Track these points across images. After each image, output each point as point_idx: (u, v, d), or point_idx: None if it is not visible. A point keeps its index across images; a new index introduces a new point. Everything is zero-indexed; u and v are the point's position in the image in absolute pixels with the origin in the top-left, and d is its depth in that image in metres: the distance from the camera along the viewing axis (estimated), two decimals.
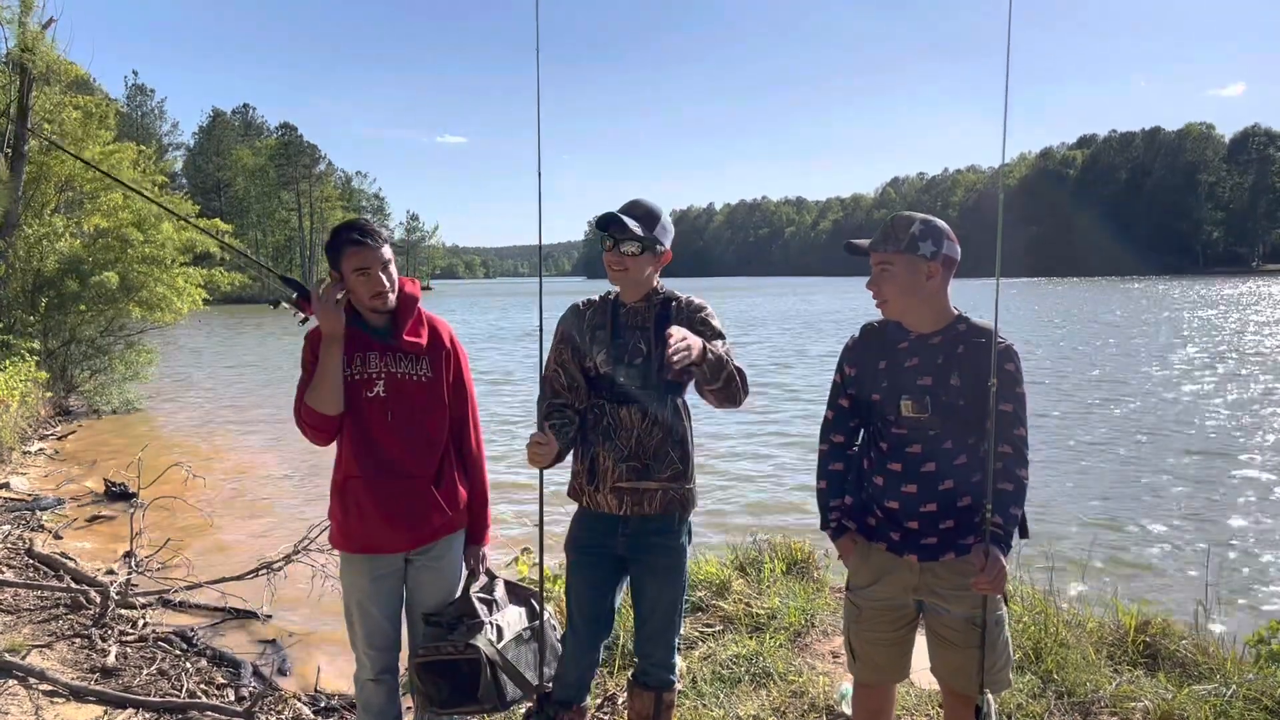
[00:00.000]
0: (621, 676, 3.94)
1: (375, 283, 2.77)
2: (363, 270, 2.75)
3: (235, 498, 9.69)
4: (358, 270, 2.76)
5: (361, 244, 2.74)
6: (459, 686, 2.90)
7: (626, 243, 2.76)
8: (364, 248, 2.74)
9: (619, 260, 2.78)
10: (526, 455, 2.69)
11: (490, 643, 2.89)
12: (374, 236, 2.77)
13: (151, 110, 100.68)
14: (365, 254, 2.75)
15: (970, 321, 2.60)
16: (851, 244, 2.69)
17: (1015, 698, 3.69)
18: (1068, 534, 7.99)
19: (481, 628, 2.91)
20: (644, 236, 2.76)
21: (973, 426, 2.52)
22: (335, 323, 2.72)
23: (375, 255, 2.75)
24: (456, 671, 2.89)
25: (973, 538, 2.52)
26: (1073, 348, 26.12)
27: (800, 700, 3.81)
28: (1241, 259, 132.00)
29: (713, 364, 2.58)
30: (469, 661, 2.87)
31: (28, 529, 7.69)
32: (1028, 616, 4.32)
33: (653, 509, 2.82)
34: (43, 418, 13.52)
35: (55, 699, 4.27)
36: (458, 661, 2.87)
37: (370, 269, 2.75)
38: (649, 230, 2.77)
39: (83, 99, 16.65)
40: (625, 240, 2.75)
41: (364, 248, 2.74)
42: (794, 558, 5.37)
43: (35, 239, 14.89)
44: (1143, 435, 12.86)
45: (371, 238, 2.76)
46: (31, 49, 14.39)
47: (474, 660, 2.86)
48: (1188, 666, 3.99)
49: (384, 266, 2.78)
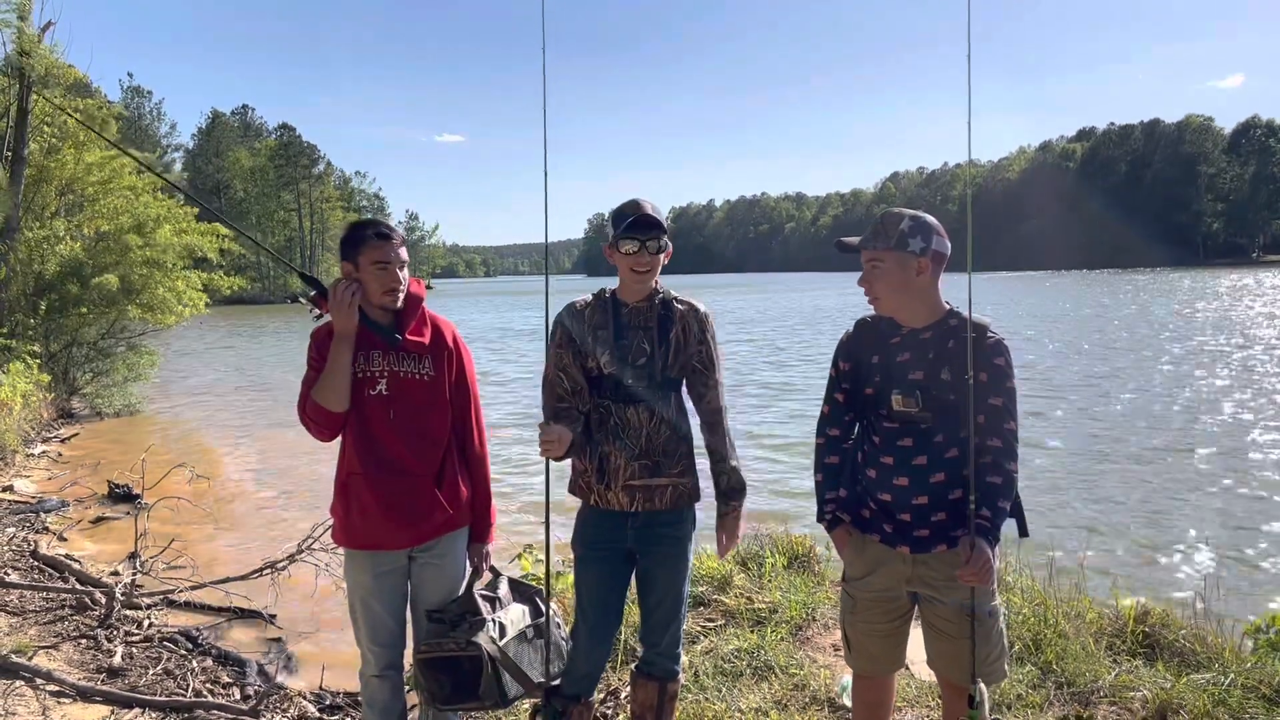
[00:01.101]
0: (624, 671, 3.97)
1: (392, 278, 2.85)
2: (382, 264, 2.84)
3: (239, 498, 9.72)
4: (377, 264, 2.84)
5: (386, 238, 2.85)
6: (460, 684, 2.92)
7: (653, 243, 2.80)
8: (386, 242, 2.85)
9: (648, 262, 2.82)
10: (540, 448, 2.73)
11: (492, 640, 2.91)
12: (395, 233, 2.90)
13: (149, 112, 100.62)
14: (386, 248, 2.84)
15: (962, 316, 2.61)
16: (842, 242, 2.72)
17: (1015, 688, 3.71)
18: (1067, 525, 8.01)
19: (484, 625, 2.93)
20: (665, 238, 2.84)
21: (964, 420, 2.55)
22: (349, 320, 2.80)
23: (395, 251, 2.86)
24: (458, 668, 2.92)
25: (964, 530, 2.55)
26: (1075, 342, 26.11)
27: (802, 693, 3.84)
28: (1242, 250, 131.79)
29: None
30: (470, 659, 2.89)
31: (32, 531, 7.72)
32: (1027, 608, 4.35)
33: (664, 504, 2.87)
34: (45, 420, 13.55)
35: (62, 699, 4.30)
36: (459, 659, 2.90)
37: (390, 264, 2.84)
38: (662, 230, 2.84)
39: (83, 102, 16.66)
40: (651, 239, 2.80)
41: (386, 242, 2.85)
42: (795, 552, 5.40)
43: (36, 242, 14.92)
44: (1142, 427, 12.87)
45: (393, 234, 2.88)
46: (30, 52, 14.41)
47: (475, 658, 2.88)
48: (1186, 656, 4.01)
49: (401, 264, 2.88)
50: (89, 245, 15.72)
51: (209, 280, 16.85)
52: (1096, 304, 44.22)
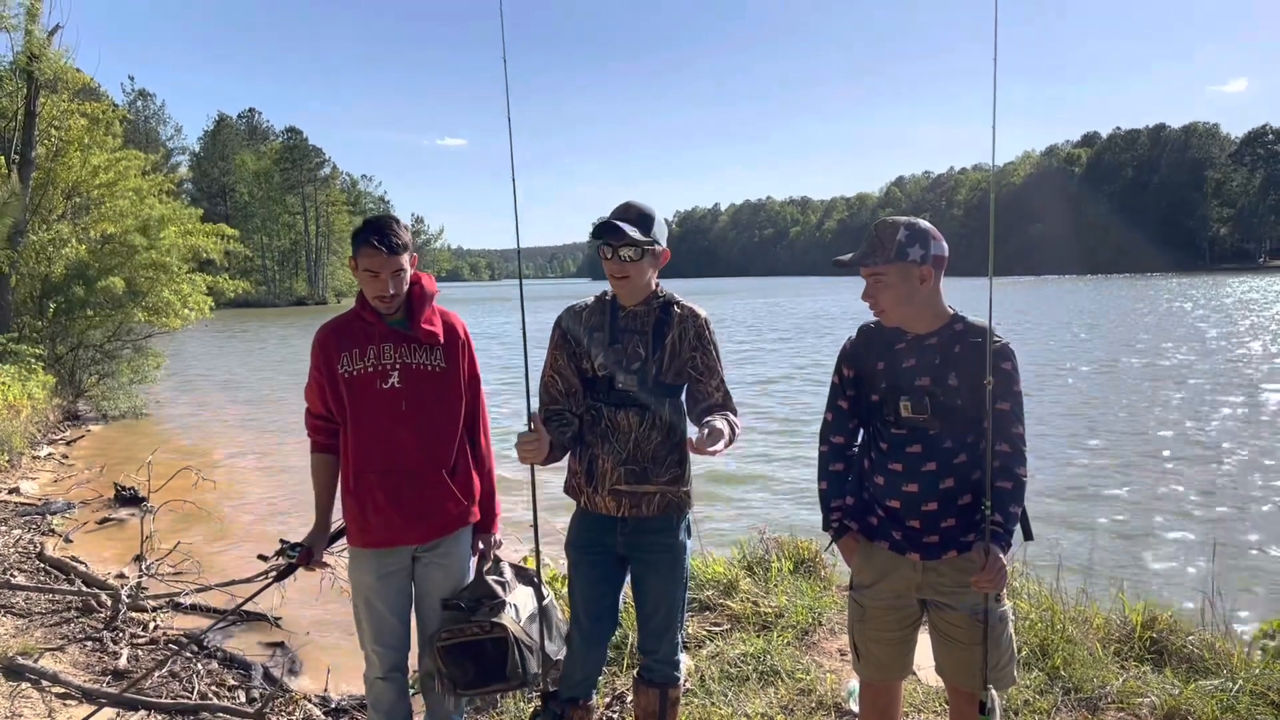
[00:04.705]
0: (629, 675, 3.96)
1: (380, 286, 2.82)
2: (370, 271, 2.82)
3: (244, 500, 9.72)
4: (366, 270, 2.83)
5: (376, 250, 2.79)
6: (485, 666, 2.94)
7: (624, 248, 2.73)
8: (377, 253, 2.79)
9: (620, 268, 2.75)
10: (517, 453, 2.67)
11: (513, 620, 2.94)
12: (391, 245, 2.80)
13: (154, 115, 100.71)
14: (376, 259, 2.80)
15: (967, 321, 2.60)
16: (839, 261, 2.67)
17: (1022, 694, 3.70)
18: (1074, 530, 7.99)
19: (504, 607, 2.95)
20: (641, 240, 2.73)
21: (972, 425, 2.53)
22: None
23: (385, 262, 2.80)
24: (482, 651, 2.93)
25: (974, 535, 2.54)
26: (1081, 345, 26.05)
27: (808, 698, 3.83)
28: (1248, 255, 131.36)
29: (729, 440, 2.66)
30: (495, 641, 2.90)
31: (38, 533, 7.74)
32: (1034, 613, 4.33)
33: (650, 511, 2.84)
34: (52, 423, 13.59)
35: (68, 701, 4.31)
36: (482, 641, 2.91)
37: (379, 273, 2.81)
38: (645, 232, 2.74)
39: (89, 105, 16.72)
40: (622, 246, 2.73)
41: (377, 253, 2.79)
42: (801, 556, 5.37)
43: (42, 245, 14.96)
44: (1150, 431, 12.84)
45: (388, 246, 2.79)
46: (38, 56, 14.46)
47: (500, 639, 2.90)
48: (1194, 662, 3.99)
49: (394, 273, 2.82)
50: (95, 248, 15.76)
51: (214, 283, 16.89)
52: (1123, 308, 44.04)
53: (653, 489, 2.82)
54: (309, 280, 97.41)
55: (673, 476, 2.84)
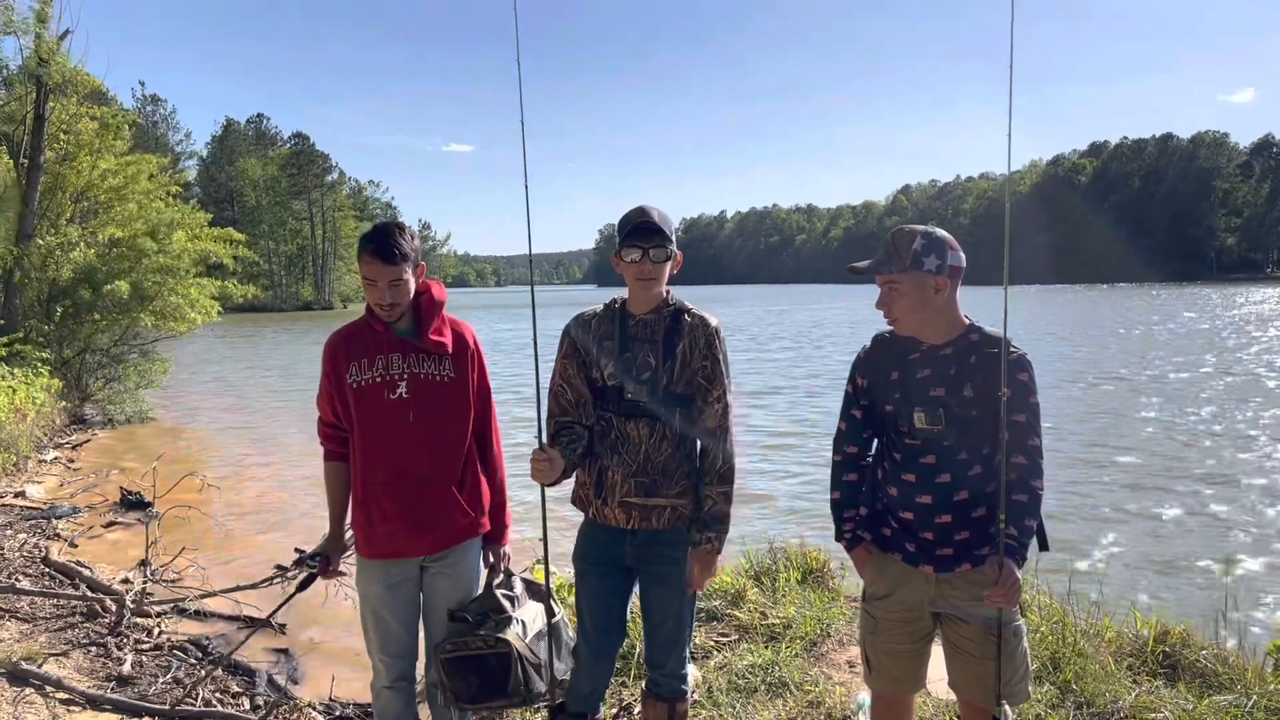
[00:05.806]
0: (637, 686, 3.93)
1: (378, 295, 2.81)
2: (369, 280, 2.81)
3: (250, 507, 9.71)
4: (366, 279, 2.82)
5: (374, 260, 2.77)
6: (488, 681, 2.91)
7: (654, 249, 2.71)
8: (376, 262, 2.77)
9: (651, 270, 2.73)
10: (530, 471, 2.66)
11: (519, 636, 2.90)
12: (388, 255, 2.76)
13: (163, 119, 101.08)
14: (375, 268, 2.78)
15: (983, 331, 2.57)
16: (854, 268, 2.66)
17: (1034, 708, 3.66)
18: (1086, 543, 7.94)
19: (510, 622, 2.92)
20: (669, 242, 2.73)
21: (987, 437, 2.51)
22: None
23: (383, 271, 2.77)
24: (485, 666, 2.90)
25: (988, 548, 2.51)
26: (1087, 356, 25.97)
27: (817, 710, 3.79)
28: (1256, 265, 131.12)
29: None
30: (499, 655, 2.88)
31: (44, 537, 7.72)
32: (1045, 626, 4.29)
33: (660, 524, 2.80)
34: (58, 426, 13.60)
35: (72, 707, 4.29)
36: (486, 656, 2.88)
37: (377, 282, 2.79)
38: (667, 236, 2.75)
39: (99, 109, 16.77)
40: (653, 247, 2.71)
41: (376, 262, 2.77)
42: (809, 567, 5.34)
43: (50, 248, 15.00)
44: (1163, 443, 12.77)
45: (387, 257, 2.76)
46: (47, 60, 14.52)
47: (504, 654, 2.87)
48: (1208, 677, 3.94)
49: (392, 282, 2.78)
50: (102, 252, 15.81)
51: (222, 287, 16.91)
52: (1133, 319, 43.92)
53: (663, 502, 2.79)
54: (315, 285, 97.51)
55: (683, 489, 2.80)
